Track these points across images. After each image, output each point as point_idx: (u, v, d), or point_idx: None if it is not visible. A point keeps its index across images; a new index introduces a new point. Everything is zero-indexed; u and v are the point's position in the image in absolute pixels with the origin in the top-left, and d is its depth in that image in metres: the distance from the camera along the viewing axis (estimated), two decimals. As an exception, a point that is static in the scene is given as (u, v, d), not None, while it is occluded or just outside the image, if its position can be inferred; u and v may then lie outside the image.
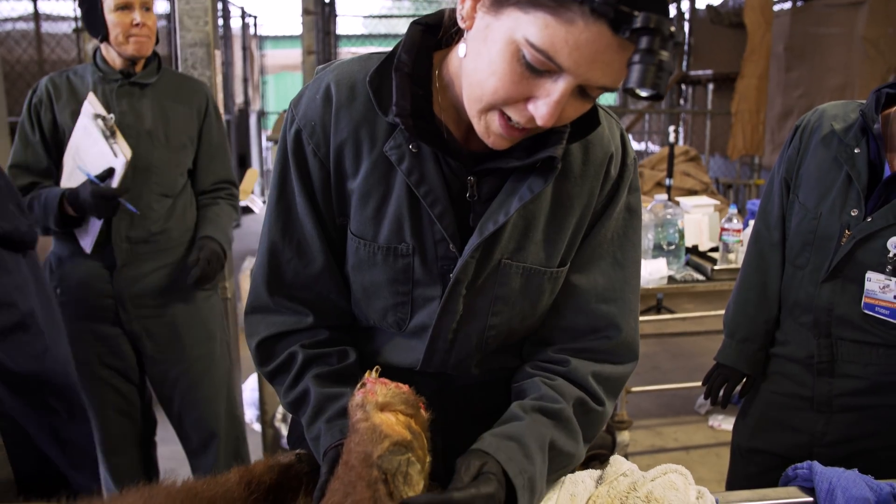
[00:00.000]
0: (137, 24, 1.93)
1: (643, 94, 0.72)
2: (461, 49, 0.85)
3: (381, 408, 0.82)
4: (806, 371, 1.56)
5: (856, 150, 1.47)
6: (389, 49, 0.94)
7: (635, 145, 8.91)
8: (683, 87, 8.22)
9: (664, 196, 3.01)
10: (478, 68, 0.80)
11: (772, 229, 1.65)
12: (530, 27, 0.73)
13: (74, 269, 2.03)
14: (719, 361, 1.73)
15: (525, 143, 0.90)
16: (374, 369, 0.88)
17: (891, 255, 1.41)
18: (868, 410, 1.50)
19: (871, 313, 1.45)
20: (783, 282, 1.63)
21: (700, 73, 7.45)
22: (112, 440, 2.16)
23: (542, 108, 0.77)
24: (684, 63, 7.94)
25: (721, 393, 1.73)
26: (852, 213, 1.46)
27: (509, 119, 0.81)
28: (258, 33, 10.00)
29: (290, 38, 12.15)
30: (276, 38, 12.42)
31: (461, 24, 0.84)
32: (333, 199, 0.97)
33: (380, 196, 0.94)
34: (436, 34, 0.93)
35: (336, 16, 8.43)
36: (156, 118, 2.03)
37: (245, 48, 9.00)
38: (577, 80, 0.76)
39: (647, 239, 2.86)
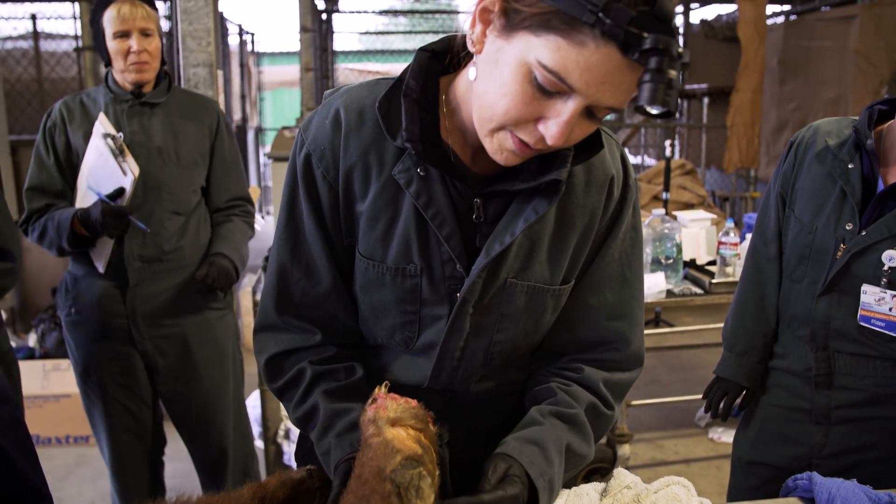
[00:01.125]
0: (136, 52, 1.94)
1: (654, 111, 0.75)
2: (471, 72, 0.87)
3: (393, 423, 0.84)
4: (804, 384, 1.58)
5: (850, 166, 1.49)
6: (395, 74, 0.97)
7: (632, 159, 8.95)
8: (679, 100, 8.29)
9: (661, 210, 3.05)
10: (489, 90, 0.82)
11: (768, 243, 1.67)
12: (542, 49, 0.76)
13: (88, 288, 2.05)
14: (718, 375, 1.76)
15: (530, 165, 0.93)
16: (384, 384, 0.90)
17: (885, 268, 1.44)
18: (866, 422, 1.52)
19: (867, 325, 1.47)
20: (781, 295, 1.65)
21: (695, 86, 7.50)
22: (122, 460, 2.16)
23: (552, 129, 0.80)
24: (680, 78, 8.01)
25: (721, 406, 1.74)
26: (847, 227, 1.48)
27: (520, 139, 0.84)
28: (255, 50, 10.06)
29: (288, 54, 12.21)
30: (273, 55, 12.48)
31: (471, 49, 0.86)
32: (342, 222, 1.00)
33: (388, 218, 0.96)
34: (442, 60, 0.96)
35: (333, 33, 8.49)
36: (166, 136, 2.04)
37: (243, 65, 9.05)
38: (587, 100, 0.78)
39: (646, 253, 2.88)
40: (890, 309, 1.44)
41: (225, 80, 7.58)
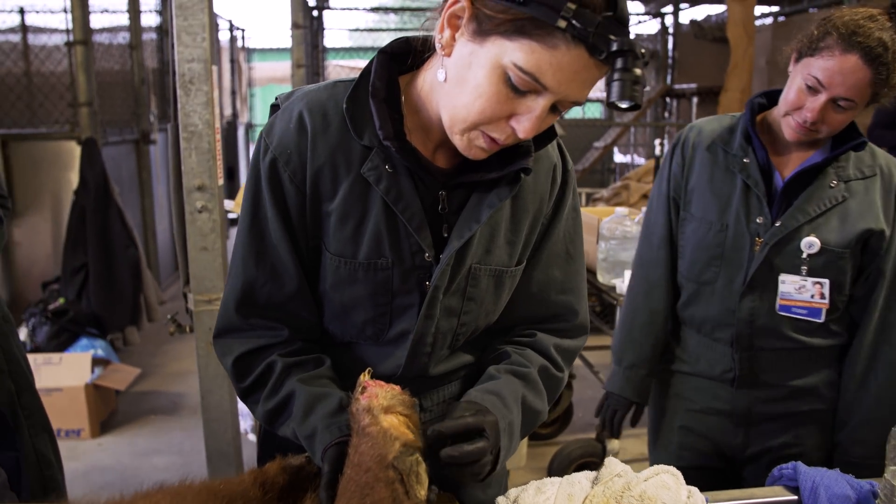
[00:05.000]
0: None
1: (623, 105, 0.83)
2: (440, 74, 0.92)
3: (386, 410, 0.87)
4: (720, 386, 1.57)
5: (745, 160, 1.50)
6: (352, 76, 1.02)
7: (621, 157, 9.00)
8: (668, 100, 8.34)
9: (651, 208, 3.08)
10: (462, 91, 0.88)
11: (655, 249, 1.64)
12: (517, 52, 0.83)
13: None
14: (607, 390, 1.73)
15: (492, 158, 0.99)
16: (367, 371, 0.93)
17: (804, 255, 1.45)
18: (785, 418, 1.53)
19: (787, 315, 1.47)
20: (682, 300, 1.62)
21: (684, 86, 7.56)
22: None
23: (524, 123, 0.88)
24: (668, 77, 8.06)
25: (612, 422, 1.73)
26: (758, 221, 1.48)
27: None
28: (246, 46, 10.04)
29: (278, 50, 12.19)
30: (263, 51, 12.45)
31: (440, 52, 0.92)
32: (308, 223, 1.03)
33: (358, 216, 1.00)
34: (399, 61, 1.01)
35: (324, 29, 8.48)
36: None
37: (233, 61, 9.03)
38: (557, 97, 0.86)
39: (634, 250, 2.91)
40: (811, 296, 1.45)
41: (215, 76, 7.57)
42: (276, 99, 1.07)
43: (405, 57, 1.02)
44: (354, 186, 0.99)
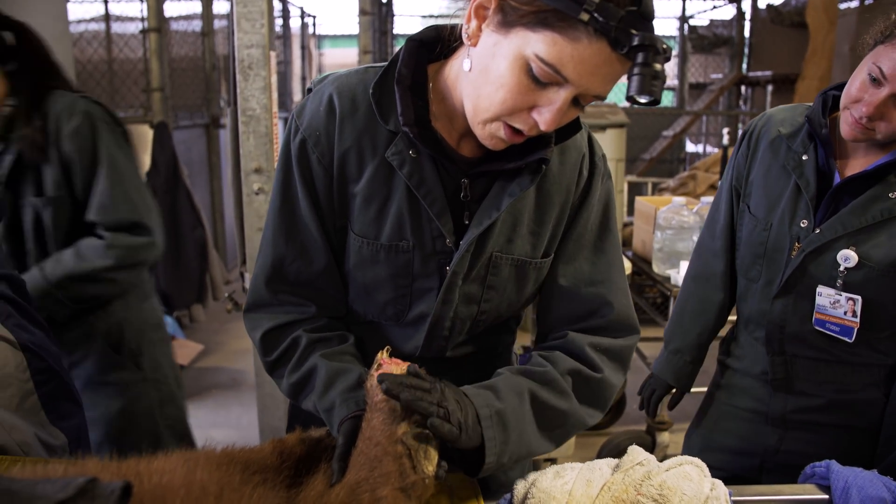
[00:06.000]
0: None
1: (642, 100, 0.84)
2: (465, 64, 0.93)
3: None
4: (761, 386, 1.51)
5: (804, 158, 1.40)
6: (384, 63, 1.03)
7: (691, 147, 8.76)
8: (743, 88, 8.07)
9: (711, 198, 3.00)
10: (487, 81, 0.89)
11: (716, 238, 1.59)
12: (539, 44, 0.84)
13: None
14: (653, 371, 1.71)
15: (513, 148, 0.99)
16: (385, 349, 0.95)
17: (841, 268, 1.34)
18: (822, 429, 1.46)
19: (822, 330, 1.39)
20: (738, 294, 1.57)
21: (759, 74, 7.30)
22: None
23: (546, 115, 0.88)
24: (744, 64, 7.79)
25: (649, 404, 1.70)
26: (802, 225, 1.39)
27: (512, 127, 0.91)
28: (317, 33, 10.21)
29: (348, 37, 12.35)
30: (334, 38, 12.64)
31: (466, 42, 0.93)
32: (336, 203, 1.05)
33: (382, 198, 1.02)
34: (429, 48, 1.02)
35: (394, 15, 8.53)
36: None
37: (304, 47, 9.20)
38: (578, 89, 0.87)
39: (693, 240, 2.85)
40: (844, 313, 1.35)
41: (286, 62, 7.73)
42: (311, 83, 1.10)
43: (435, 45, 1.03)
44: (379, 170, 1.02)
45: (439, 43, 1.03)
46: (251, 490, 0.73)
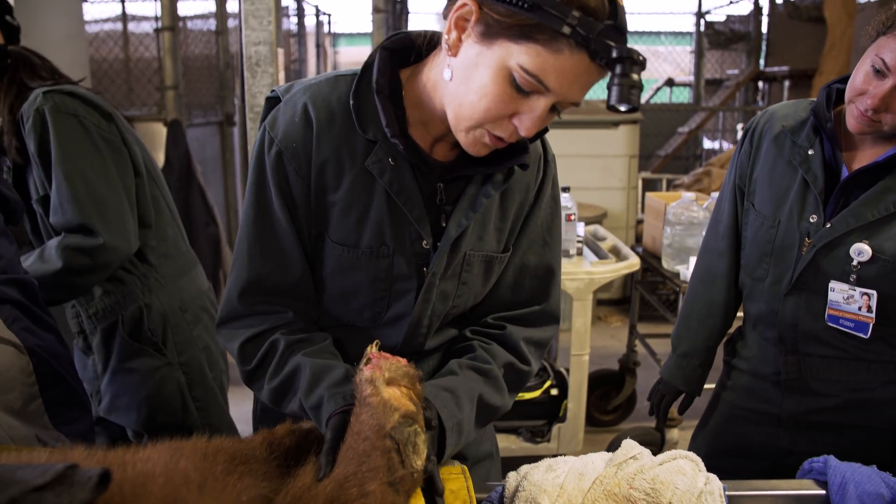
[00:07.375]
0: None
1: (622, 108, 0.88)
2: (446, 73, 0.96)
3: (388, 382, 0.89)
4: (773, 387, 1.48)
5: (810, 152, 1.38)
6: (351, 70, 1.06)
7: (708, 143, 8.68)
8: (760, 84, 7.98)
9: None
10: (470, 90, 0.92)
11: (720, 238, 1.57)
12: (523, 55, 0.89)
13: None
14: (661, 376, 1.69)
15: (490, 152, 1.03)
16: (375, 343, 0.95)
17: (854, 263, 1.32)
18: (837, 430, 1.43)
19: (835, 326, 1.37)
20: (745, 294, 1.55)
21: (776, 69, 7.22)
22: None
23: (527, 122, 0.93)
24: (761, 60, 7.71)
25: (659, 409, 1.69)
26: (811, 220, 1.37)
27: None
28: (332, 31, 10.23)
29: (364, 35, 12.37)
30: (349, 36, 12.67)
31: (447, 53, 0.95)
32: (312, 213, 1.06)
33: (361, 206, 1.05)
34: (400, 56, 1.05)
35: (408, 13, 8.53)
36: None
37: (318, 45, 9.23)
38: (557, 97, 0.92)
39: (703, 236, 2.83)
40: (859, 308, 1.33)
41: (301, 60, 7.76)
42: (273, 91, 1.10)
43: (406, 52, 1.06)
44: (358, 178, 1.04)
45: (413, 50, 1.05)
46: (235, 480, 0.73)
